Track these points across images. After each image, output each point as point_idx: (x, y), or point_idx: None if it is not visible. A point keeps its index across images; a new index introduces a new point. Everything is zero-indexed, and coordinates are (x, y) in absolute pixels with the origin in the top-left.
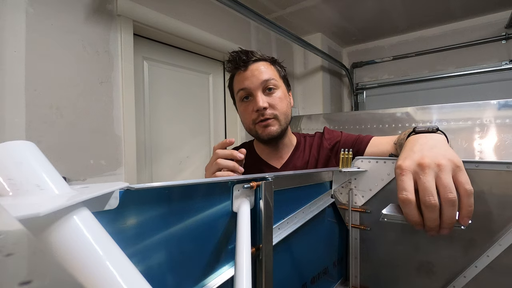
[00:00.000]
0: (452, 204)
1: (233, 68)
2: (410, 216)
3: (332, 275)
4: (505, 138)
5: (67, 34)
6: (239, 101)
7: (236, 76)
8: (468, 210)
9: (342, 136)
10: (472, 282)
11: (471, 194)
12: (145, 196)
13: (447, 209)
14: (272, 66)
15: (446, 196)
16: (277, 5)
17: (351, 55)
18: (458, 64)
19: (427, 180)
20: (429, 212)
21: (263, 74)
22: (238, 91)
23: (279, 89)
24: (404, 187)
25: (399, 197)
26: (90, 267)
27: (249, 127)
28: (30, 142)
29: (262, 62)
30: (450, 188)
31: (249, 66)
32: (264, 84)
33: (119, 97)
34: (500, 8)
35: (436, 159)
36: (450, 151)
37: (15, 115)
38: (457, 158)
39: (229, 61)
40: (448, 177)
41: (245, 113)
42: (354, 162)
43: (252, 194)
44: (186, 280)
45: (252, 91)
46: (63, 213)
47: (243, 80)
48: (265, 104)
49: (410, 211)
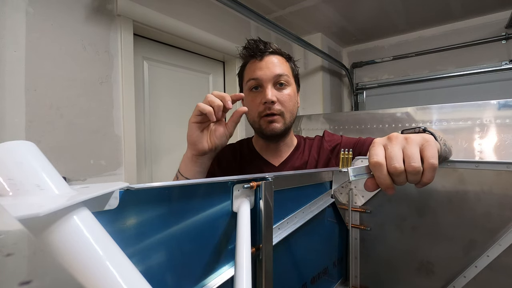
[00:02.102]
0: (415, 173)
1: (248, 55)
2: (381, 180)
3: (332, 275)
4: (505, 138)
5: (67, 34)
6: (247, 91)
7: (249, 65)
8: (426, 181)
9: (343, 139)
10: (472, 282)
11: (435, 169)
12: (145, 196)
13: (410, 177)
14: (287, 63)
15: (410, 165)
16: (277, 5)
17: (351, 55)
18: (458, 64)
19: (393, 150)
20: (396, 177)
21: (277, 68)
22: (248, 80)
23: (290, 87)
24: (374, 152)
25: (370, 161)
26: (90, 267)
27: (254, 119)
28: (30, 142)
29: (278, 56)
30: (414, 159)
31: (264, 57)
32: (277, 78)
33: (119, 97)
34: (500, 8)
35: (407, 135)
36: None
37: (15, 115)
38: (430, 136)
39: (245, 47)
40: (414, 148)
41: (252, 104)
42: (354, 162)
43: (252, 194)
44: (186, 280)
45: (263, 83)
46: (63, 213)
47: (256, 70)
48: (274, 98)
49: (381, 173)
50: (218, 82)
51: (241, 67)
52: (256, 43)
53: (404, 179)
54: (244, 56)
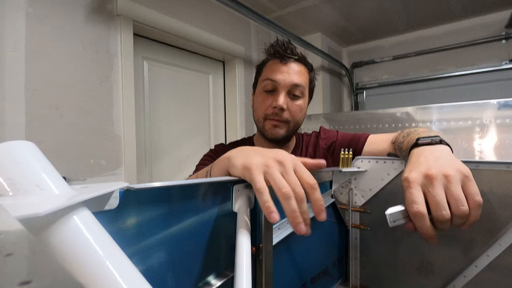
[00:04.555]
0: (463, 217)
1: (273, 54)
2: (424, 230)
3: (332, 275)
4: (505, 138)
5: (67, 34)
6: (261, 89)
7: (271, 63)
8: (473, 220)
9: (338, 136)
10: (472, 282)
11: (480, 206)
12: (145, 196)
13: (456, 221)
14: (307, 74)
15: (458, 209)
16: (277, 5)
17: (351, 55)
18: (458, 64)
19: (437, 194)
20: (441, 225)
21: (297, 78)
22: (266, 79)
23: (302, 99)
24: (414, 199)
25: (411, 211)
26: (90, 267)
27: (259, 119)
28: (30, 142)
29: (302, 65)
30: (462, 201)
31: (288, 62)
32: (293, 87)
33: (119, 97)
34: (500, 8)
35: (443, 169)
36: (456, 161)
37: (15, 115)
38: (465, 168)
39: (273, 45)
40: (458, 188)
41: (262, 104)
42: (354, 162)
43: (252, 194)
44: (186, 280)
45: (278, 87)
46: (63, 213)
47: (276, 72)
48: (284, 105)
49: (424, 225)
50: (218, 82)
51: (262, 62)
52: (285, 45)
53: (448, 225)
54: (269, 53)
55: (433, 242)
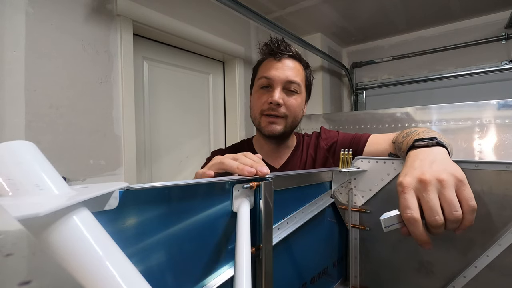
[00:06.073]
0: (457, 221)
1: (267, 52)
2: (417, 236)
3: (332, 275)
4: (505, 138)
5: (67, 34)
6: (257, 87)
7: (266, 62)
8: (467, 225)
9: (339, 136)
10: (472, 282)
11: (475, 210)
12: (145, 196)
13: (450, 226)
14: (303, 71)
15: (452, 214)
16: (277, 5)
17: (351, 55)
18: (458, 64)
19: (430, 199)
20: (435, 230)
21: (291, 74)
22: (261, 77)
23: (298, 95)
24: (407, 205)
25: (404, 216)
26: (90, 267)
27: (255, 116)
28: (30, 142)
29: (296, 61)
30: (455, 206)
31: (282, 59)
32: (288, 84)
33: (118, 97)
34: (500, 8)
35: (437, 174)
36: (451, 164)
37: (15, 115)
38: (459, 172)
39: (266, 44)
40: (451, 193)
41: (258, 101)
42: (354, 162)
43: (252, 194)
44: (186, 280)
45: (273, 83)
46: (63, 213)
47: (271, 69)
48: (280, 100)
49: (417, 230)
50: (218, 82)
51: (257, 62)
52: (278, 42)
53: (442, 230)
54: (263, 52)
55: (427, 248)
